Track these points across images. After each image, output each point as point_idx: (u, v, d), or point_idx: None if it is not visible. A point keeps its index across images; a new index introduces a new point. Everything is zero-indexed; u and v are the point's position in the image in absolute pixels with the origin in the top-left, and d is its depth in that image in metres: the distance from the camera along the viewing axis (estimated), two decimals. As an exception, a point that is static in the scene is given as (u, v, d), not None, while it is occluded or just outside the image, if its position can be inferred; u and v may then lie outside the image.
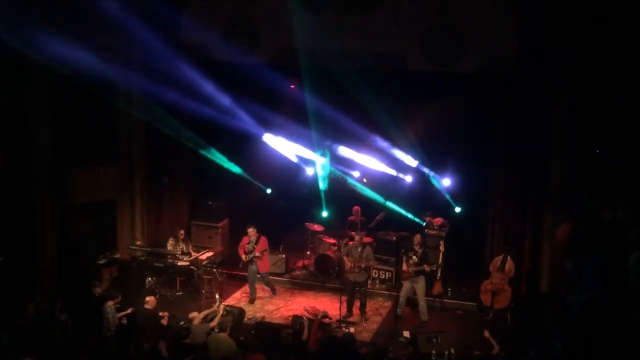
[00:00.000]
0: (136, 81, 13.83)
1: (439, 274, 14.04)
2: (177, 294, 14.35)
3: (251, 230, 13.98)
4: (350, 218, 15.73)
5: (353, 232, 14.39)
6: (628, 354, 8.60)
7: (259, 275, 14.27)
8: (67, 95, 12.93)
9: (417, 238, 13.28)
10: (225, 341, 10.26)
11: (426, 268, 12.96)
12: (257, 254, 13.86)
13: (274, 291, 14.47)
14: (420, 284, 13.07)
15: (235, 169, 15.32)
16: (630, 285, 8.71)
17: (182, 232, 14.85)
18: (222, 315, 12.07)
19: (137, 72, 13.88)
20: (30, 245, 12.71)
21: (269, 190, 16.02)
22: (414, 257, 12.99)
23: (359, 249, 13.31)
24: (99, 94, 12.85)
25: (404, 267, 13.14)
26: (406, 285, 13.17)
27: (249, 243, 14.02)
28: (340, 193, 15.78)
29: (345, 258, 13.54)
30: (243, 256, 14.01)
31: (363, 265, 13.22)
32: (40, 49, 11.62)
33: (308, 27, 13.15)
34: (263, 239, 14.07)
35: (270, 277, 14.52)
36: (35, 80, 12.55)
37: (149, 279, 14.39)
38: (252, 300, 14.13)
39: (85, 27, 12.55)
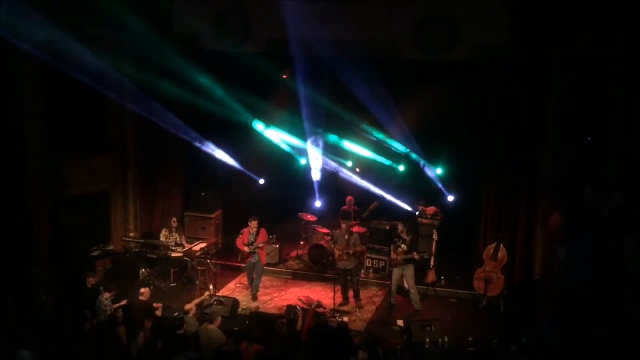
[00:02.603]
0: (128, 72, 13.80)
1: (432, 263, 14.09)
2: (171, 285, 14.35)
3: (254, 223, 13.71)
4: (344, 208, 15.73)
5: (342, 221, 14.36)
6: (621, 341, 8.64)
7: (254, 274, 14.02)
8: (58, 86, 12.88)
9: (400, 226, 13.29)
10: (214, 333, 10.31)
11: (415, 256, 12.97)
12: (260, 244, 13.70)
13: (255, 297, 13.87)
14: (409, 272, 13.06)
15: (229, 160, 15.29)
16: (630, 273, 8.73)
17: (174, 220, 14.78)
18: (210, 303, 12.29)
19: (129, 63, 13.86)
20: (23, 238, 12.69)
21: (262, 181, 16.00)
22: (403, 246, 13.02)
23: (346, 237, 13.33)
24: (90, 85, 12.81)
25: (393, 255, 13.19)
26: (395, 273, 13.18)
27: (250, 235, 13.80)
28: (334, 183, 15.82)
29: (334, 247, 13.55)
30: (245, 248, 13.74)
31: (351, 252, 13.23)
32: (31, 40, 11.58)
33: (300, 17, 13.12)
34: (263, 231, 13.86)
35: (265, 267, 14.45)
36: (27, 72, 12.49)
37: (143, 270, 14.38)
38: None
39: (77, 17, 12.51)
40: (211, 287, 13.25)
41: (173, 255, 14.32)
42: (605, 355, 8.32)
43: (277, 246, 15.25)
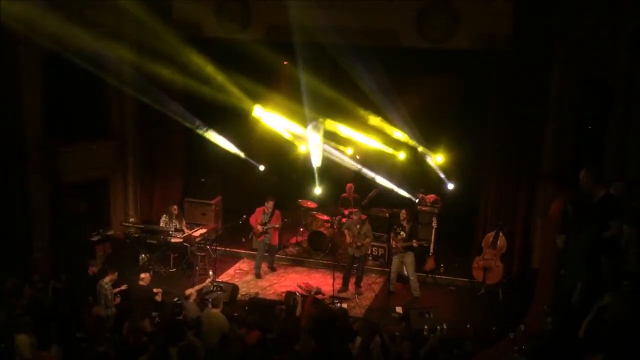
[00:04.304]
0: (128, 58, 13.77)
1: (431, 250, 14.14)
2: (171, 270, 14.40)
3: (270, 204, 14.19)
4: (344, 195, 15.76)
5: (353, 210, 14.34)
6: (620, 330, 8.66)
7: (266, 254, 14.41)
8: (58, 72, 12.86)
9: (403, 214, 13.34)
10: (217, 318, 10.32)
11: (414, 244, 13.03)
12: (277, 225, 14.19)
13: (273, 268, 14.61)
14: (409, 260, 13.15)
15: (229, 146, 15.30)
16: (627, 262, 8.73)
17: (175, 207, 14.80)
18: (211, 290, 12.32)
19: (129, 49, 13.83)
20: (23, 224, 12.71)
21: (262, 167, 16.02)
22: (402, 233, 13.06)
23: (358, 226, 13.38)
24: (90, 71, 12.79)
25: (393, 243, 13.24)
26: (395, 260, 13.27)
27: (263, 214, 14.20)
28: (334, 170, 15.83)
29: (345, 231, 13.60)
30: (257, 226, 14.16)
31: (359, 244, 13.30)
32: (31, 26, 11.55)
33: (301, 4, 13.07)
34: (277, 212, 14.29)
35: (265, 253, 14.56)
36: (27, 58, 12.46)
37: (143, 255, 14.41)
38: (258, 275, 14.28)
39: (76, 2, 12.47)
40: (210, 272, 13.29)
41: (173, 240, 14.36)
42: (603, 344, 8.35)
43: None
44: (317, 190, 15.65)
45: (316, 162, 15.36)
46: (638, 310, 7.86)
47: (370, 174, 15.39)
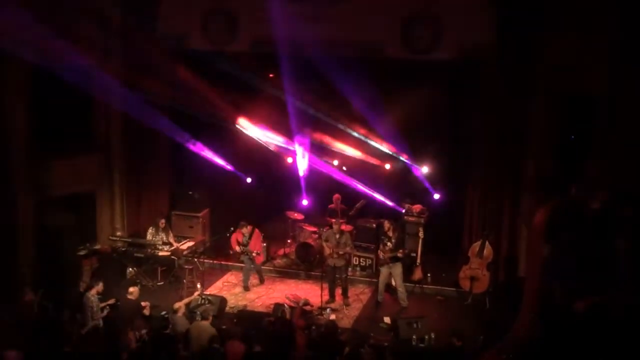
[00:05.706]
0: (114, 71, 13.78)
1: (418, 260, 14.18)
2: (159, 284, 14.35)
3: (245, 230, 14.19)
4: (331, 206, 15.79)
5: (341, 221, 14.37)
6: (607, 339, 8.72)
7: (252, 266, 14.42)
8: (44, 85, 12.84)
9: (387, 224, 13.41)
10: (206, 329, 10.30)
11: (399, 254, 13.08)
12: (258, 252, 14.25)
13: (262, 280, 14.62)
14: (396, 270, 13.20)
15: (215, 159, 15.31)
16: (618, 272, 8.81)
17: (162, 220, 14.77)
18: (199, 303, 12.27)
19: (115, 62, 13.83)
20: (9, 237, 12.63)
21: (249, 180, 16.03)
22: (389, 244, 13.12)
23: (337, 236, 13.43)
24: (76, 84, 12.77)
25: (380, 254, 13.30)
26: (383, 271, 13.32)
27: (243, 236, 14.21)
28: (320, 181, 15.87)
29: (324, 244, 13.65)
30: (237, 247, 14.21)
31: (341, 252, 13.33)
32: (16, 39, 11.53)
33: (286, 16, 13.14)
34: (257, 232, 14.27)
35: (252, 265, 14.54)
36: (12, 71, 12.43)
37: (130, 269, 14.37)
38: (246, 287, 14.28)
39: (62, 16, 12.47)
40: (198, 285, 13.27)
41: (160, 254, 14.33)
42: (589, 352, 8.43)
43: (265, 244, 15.30)
44: (304, 201, 15.68)
45: (303, 174, 15.40)
46: (629, 316, 7.95)
47: (357, 184, 15.43)
